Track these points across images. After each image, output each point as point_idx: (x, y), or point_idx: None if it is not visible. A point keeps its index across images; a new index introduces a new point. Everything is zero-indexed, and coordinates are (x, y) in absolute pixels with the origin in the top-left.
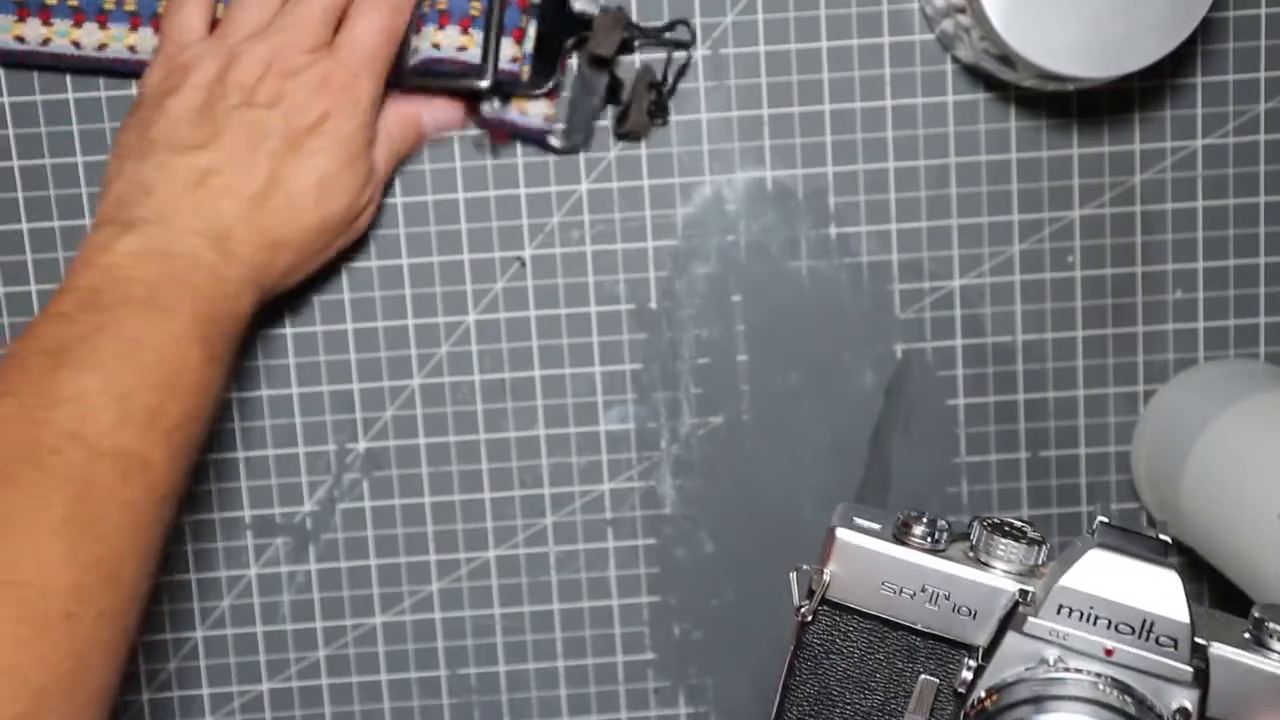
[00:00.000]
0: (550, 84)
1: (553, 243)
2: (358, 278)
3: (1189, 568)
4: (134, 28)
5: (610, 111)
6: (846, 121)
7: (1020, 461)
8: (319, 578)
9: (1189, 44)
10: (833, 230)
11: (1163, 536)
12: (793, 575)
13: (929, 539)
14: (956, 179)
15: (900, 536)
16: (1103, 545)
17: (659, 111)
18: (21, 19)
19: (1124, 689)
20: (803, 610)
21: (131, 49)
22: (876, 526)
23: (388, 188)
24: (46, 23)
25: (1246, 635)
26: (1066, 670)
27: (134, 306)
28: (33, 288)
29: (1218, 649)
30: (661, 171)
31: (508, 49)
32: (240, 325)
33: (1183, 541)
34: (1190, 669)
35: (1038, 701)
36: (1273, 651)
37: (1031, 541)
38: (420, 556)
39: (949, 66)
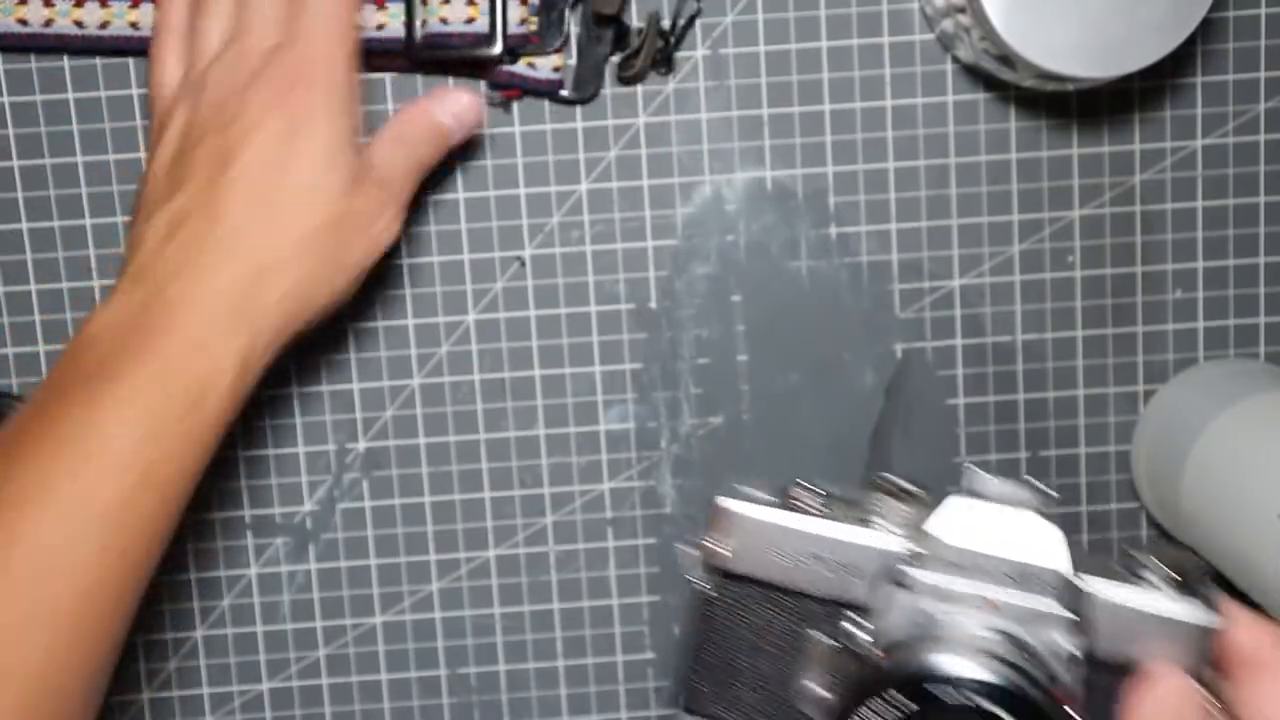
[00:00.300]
0: (560, 41)
1: (553, 242)
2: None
3: None
4: (135, 4)
5: (616, 57)
6: (846, 121)
7: (1020, 461)
8: (319, 577)
9: (1189, 44)
10: (833, 230)
11: (1040, 485)
12: (685, 549)
13: (816, 505)
14: (956, 179)
15: (788, 504)
16: (974, 495)
17: (664, 61)
18: (24, 1)
19: (1010, 638)
20: (699, 585)
21: (134, 25)
22: (765, 497)
23: (417, 199)
24: (49, 4)
25: (1124, 574)
26: (953, 624)
27: (83, 382)
28: (32, 287)
29: (1099, 591)
30: (661, 171)
31: (514, 12)
32: (223, 380)
33: (1183, 541)
34: (1073, 615)
35: (926, 656)
36: (1149, 585)
37: (916, 500)
38: (420, 556)
39: (949, 66)
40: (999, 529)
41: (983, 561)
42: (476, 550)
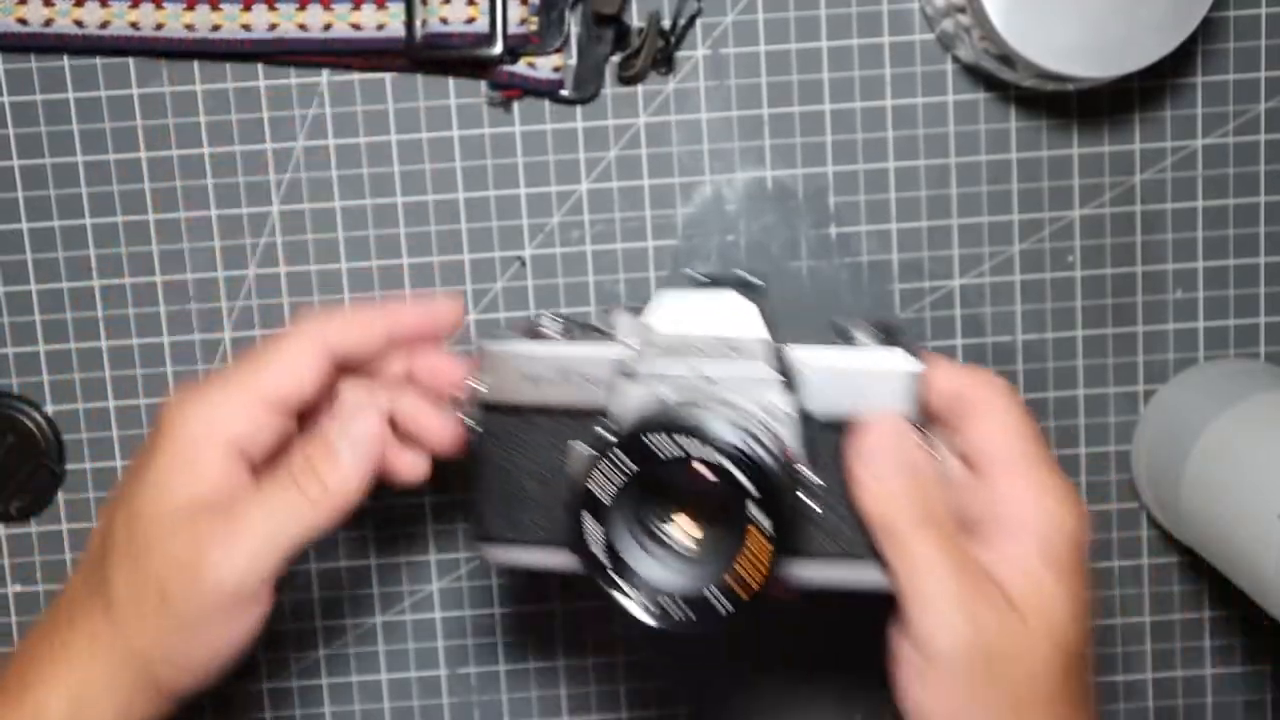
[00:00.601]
0: (560, 41)
1: (553, 242)
2: (358, 277)
3: (1189, 567)
4: (135, 4)
5: (617, 57)
6: (847, 121)
7: None
8: (319, 577)
9: (1189, 44)
10: (833, 230)
11: (739, 272)
12: (453, 393)
13: (555, 330)
14: (957, 179)
15: (532, 334)
16: (670, 287)
17: (664, 61)
18: (24, 1)
19: (728, 404)
20: (469, 423)
21: (134, 25)
22: (513, 335)
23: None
24: (49, 3)
25: (834, 339)
26: (680, 403)
27: None
28: (32, 287)
29: (807, 355)
30: (662, 171)
31: (515, 12)
32: None
33: (1183, 541)
34: (779, 375)
35: (662, 433)
36: (858, 346)
37: (638, 311)
38: (420, 556)
39: (949, 66)
40: (705, 312)
41: (694, 342)
42: (477, 550)
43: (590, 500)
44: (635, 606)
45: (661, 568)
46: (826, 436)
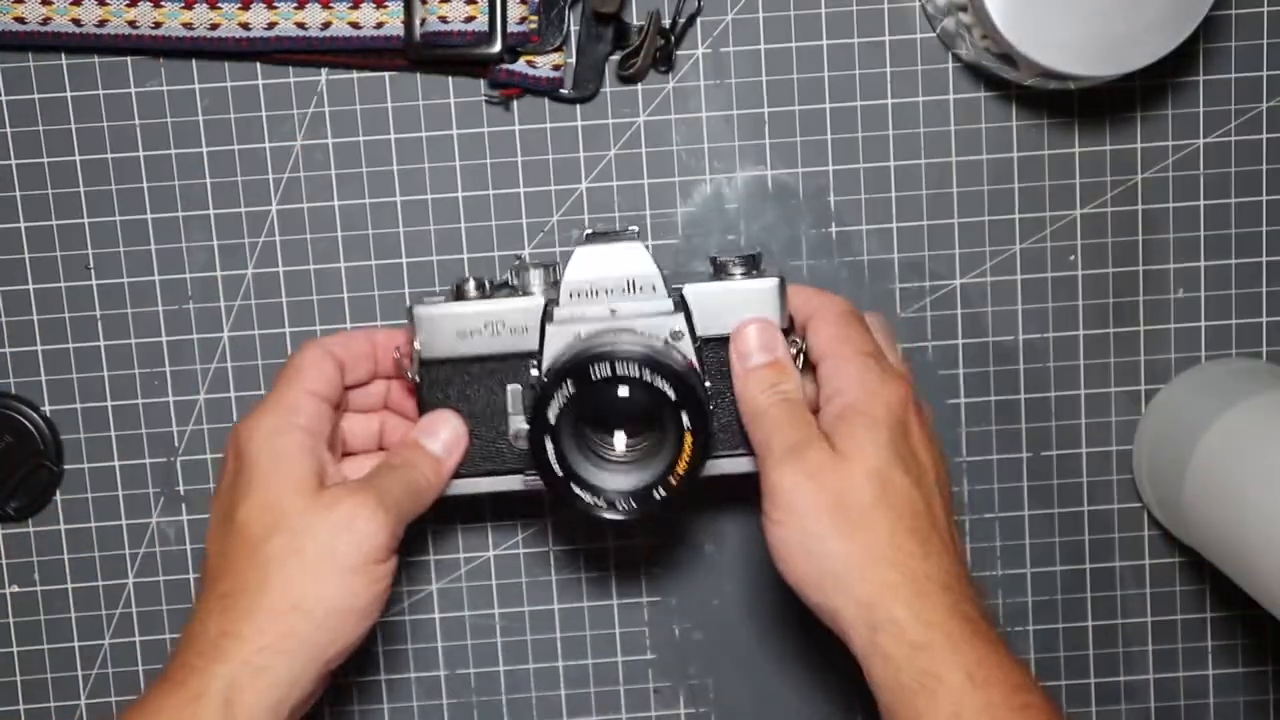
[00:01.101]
0: (560, 39)
1: (553, 242)
2: (357, 276)
3: (1190, 567)
4: (132, 3)
5: (617, 55)
6: (847, 120)
7: (1022, 461)
8: None
9: (1191, 42)
10: (833, 229)
11: (632, 228)
12: (397, 354)
13: (480, 290)
14: (958, 178)
15: (458, 296)
16: (585, 242)
17: (664, 59)
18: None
19: (631, 330)
20: (410, 379)
21: (131, 24)
22: (441, 298)
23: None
24: (46, 2)
25: (708, 272)
26: (592, 336)
27: None
28: (30, 287)
29: (693, 288)
30: (662, 170)
31: (514, 11)
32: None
33: (1184, 541)
34: (670, 302)
35: (582, 360)
36: (731, 277)
37: (546, 266)
38: (419, 556)
39: (950, 65)
40: (602, 260)
41: (598, 284)
42: (476, 550)
43: (544, 427)
44: (590, 505)
45: (606, 474)
46: (713, 351)
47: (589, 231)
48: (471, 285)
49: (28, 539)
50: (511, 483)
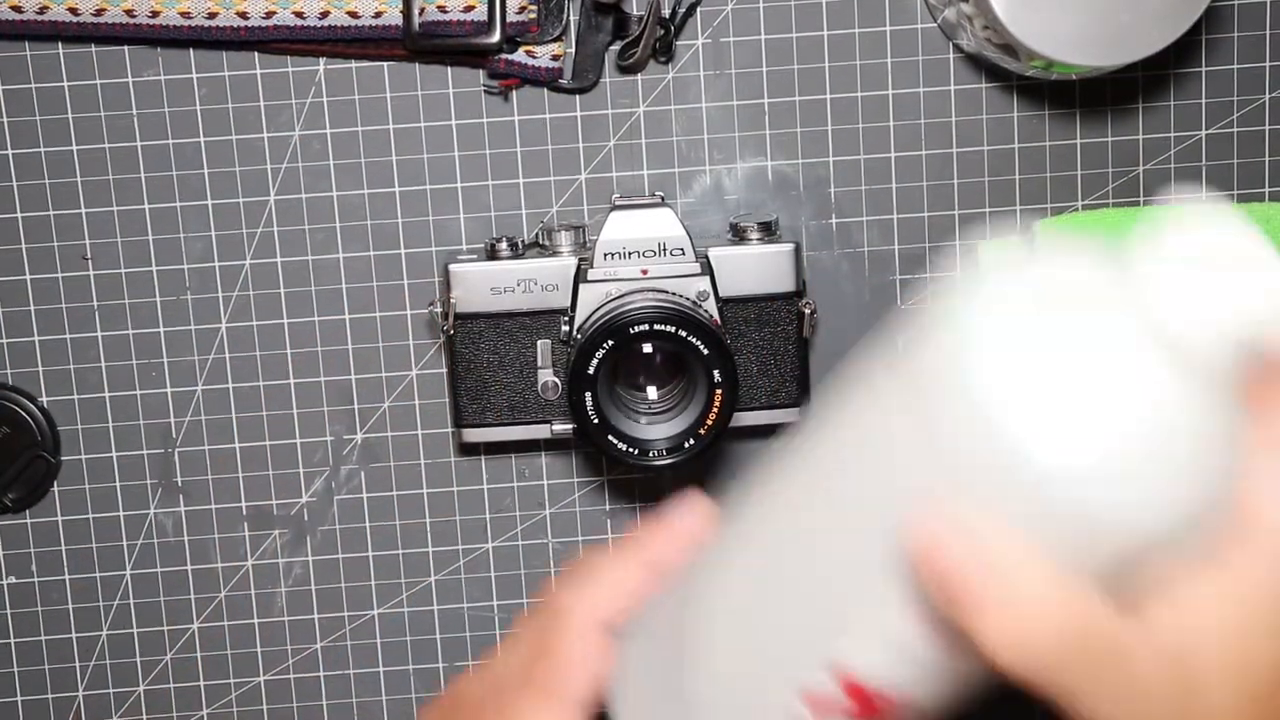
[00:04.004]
0: (559, 29)
1: None
2: (355, 268)
3: None
4: None
5: (616, 45)
6: (848, 110)
7: None
8: (316, 569)
9: (1193, 33)
10: (834, 220)
11: (658, 194)
12: (431, 309)
13: (513, 250)
14: (959, 169)
15: (491, 255)
16: (618, 209)
17: (664, 49)
18: None
19: (662, 290)
20: (444, 330)
21: (129, 13)
22: (474, 257)
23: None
24: None
25: (730, 237)
26: (623, 296)
27: None
28: (27, 277)
29: (717, 250)
30: (662, 161)
31: (513, 0)
32: None
33: None
34: (698, 264)
35: (613, 316)
36: (750, 242)
37: (578, 228)
38: (418, 548)
39: (951, 55)
40: (635, 223)
41: (630, 245)
42: (475, 543)
43: (584, 380)
44: (624, 453)
45: (641, 426)
46: (736, 309)
47: (617, 196)
48: (505, 245)
49: (25, 530)
50: (539, 431)
